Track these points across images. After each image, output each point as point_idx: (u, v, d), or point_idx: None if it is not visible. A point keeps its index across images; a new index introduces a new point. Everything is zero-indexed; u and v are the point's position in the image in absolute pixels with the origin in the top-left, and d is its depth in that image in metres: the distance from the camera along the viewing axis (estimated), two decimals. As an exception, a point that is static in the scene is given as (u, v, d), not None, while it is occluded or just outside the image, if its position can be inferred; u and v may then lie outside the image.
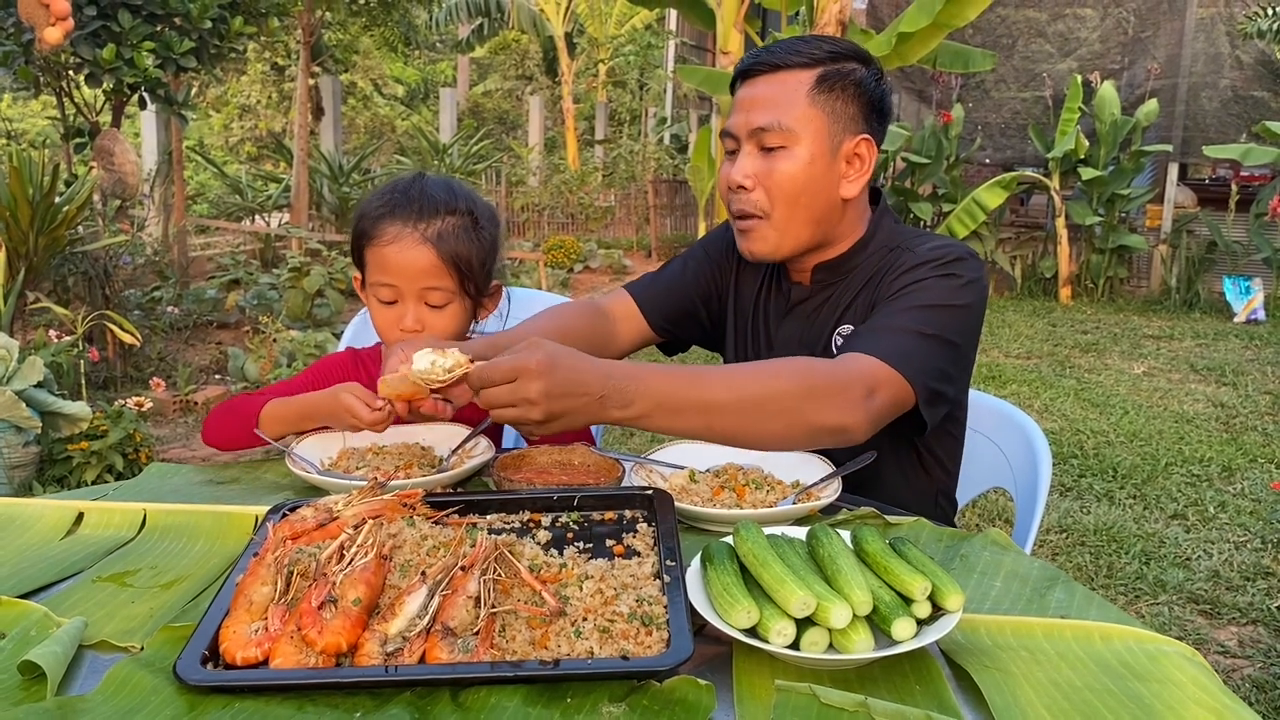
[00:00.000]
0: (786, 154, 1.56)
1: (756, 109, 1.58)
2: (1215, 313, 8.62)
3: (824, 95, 1.56)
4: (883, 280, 1.59)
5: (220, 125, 18.81)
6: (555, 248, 10.97)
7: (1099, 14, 9.61)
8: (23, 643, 1.03)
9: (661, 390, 1.29)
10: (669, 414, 1.30)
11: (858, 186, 1.61)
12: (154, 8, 5.94)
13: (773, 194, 1.58)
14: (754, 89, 1.60)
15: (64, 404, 3.92)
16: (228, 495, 1.49)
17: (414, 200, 1.65)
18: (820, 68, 1.57)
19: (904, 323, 1.48)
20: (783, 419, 1.34)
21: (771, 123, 1.56)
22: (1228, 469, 4.55)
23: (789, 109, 1.56)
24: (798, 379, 1.36)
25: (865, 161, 1.61)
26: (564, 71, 17.59)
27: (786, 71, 1.58)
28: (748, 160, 1.58)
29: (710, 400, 1.32)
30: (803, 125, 1.56)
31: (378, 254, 1.64)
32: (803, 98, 1.56)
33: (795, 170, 1.56)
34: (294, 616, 1.01)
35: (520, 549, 1.11)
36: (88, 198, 5.42)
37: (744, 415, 1.33)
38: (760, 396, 1.34)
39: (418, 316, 1.65)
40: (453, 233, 1.63)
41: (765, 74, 1.59)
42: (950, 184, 9.50)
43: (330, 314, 6.92)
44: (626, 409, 1.27)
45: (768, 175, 1.57)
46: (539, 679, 0.95)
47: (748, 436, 1.36)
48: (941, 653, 1.04)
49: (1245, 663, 2.90)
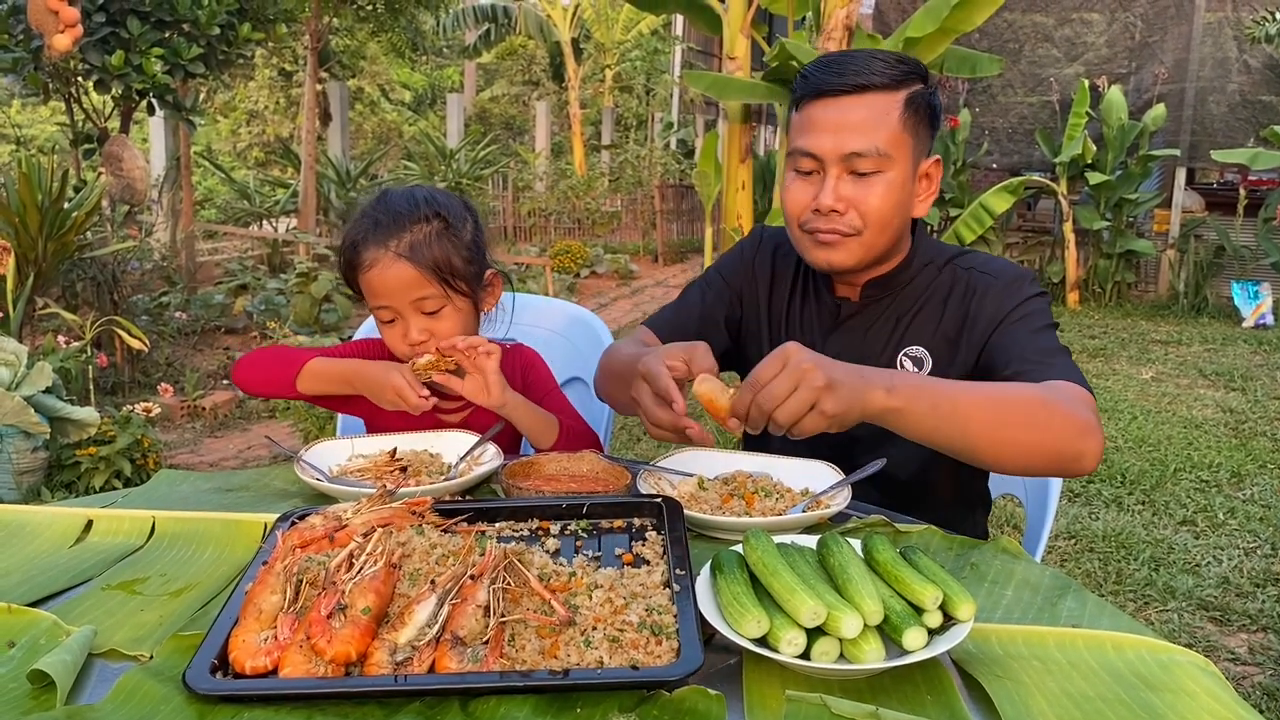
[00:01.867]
0: (881, 178, 1.53)
1: (848, 132, 1.52)
2: (1223, 317, 8.60)
3: (912, 119, 1.54)
4: (971, 304, 1.59)
5: (228, 131, 18.87)
6: (562, 253, 10.98)
7: (1106, 19, 9.59)
8: (32, 651, 1.03)
9: (919, 383, 1.32)
10: (927, 407, 1.29)
11: (927, 206, 1.61)
12: (162, 14, 5.96)
13: (868, 217, 1.55)
14: (841, 110, 1.53)
15: (72, 409, 3.93)
16: (237, 502, 1.49)
17: (381, 221, 1.68)
18: (907, 89, 1.54)
19: (1053, 344, 1.52)
20: (1033, 432, 1.33)
21: (869, 148, 1.51)
22: (1237, 474, 4.53)
23: (883, 133, 1.52)
24: (1045, 393, 1.37)
25: (934, 181, 1.61)
26: (570, 77, 17.63)
27: (876, 93, 1.52)
28: (840, 184, 1.54)
29: (966, 400, 1.31)
30: (896, 149, 1.53)
31: (365, 281, 1.69)
32: (896, 121, 1.53)
33: (890, 193, 1.54)
34: (303, 625, 1.01)
35: (529, 557, 1.11)
36: (96, 203, 5.44)
37: (998, 421, 1.32)
38: (1015, 403, 1.34)
39: (420, 327, 1.68)
40: (425, 241, 1.67)
41: (851, 94, 1.53)
42: (957, 189, 9.48)
43: (338, 319, 6.93)
44: (890, 394, 1.27)
45: (863, 200, 1.54)
46: (548, 689, 0.94)
47: (993, 443, 1.33)
48: (953, 662, 1.04)
49: (1256, 670, 2.88)
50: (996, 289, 1.58)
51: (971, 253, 1.68)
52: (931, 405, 1.29)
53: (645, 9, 8.10)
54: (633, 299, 9.90)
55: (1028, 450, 1.34)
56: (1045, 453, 1.35)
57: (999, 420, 1.33)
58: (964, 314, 1.60)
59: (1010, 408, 1.34)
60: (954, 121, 9.32)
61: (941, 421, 1.30)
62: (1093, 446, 1.35)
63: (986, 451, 1.34)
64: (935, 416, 1.30)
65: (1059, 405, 1.35)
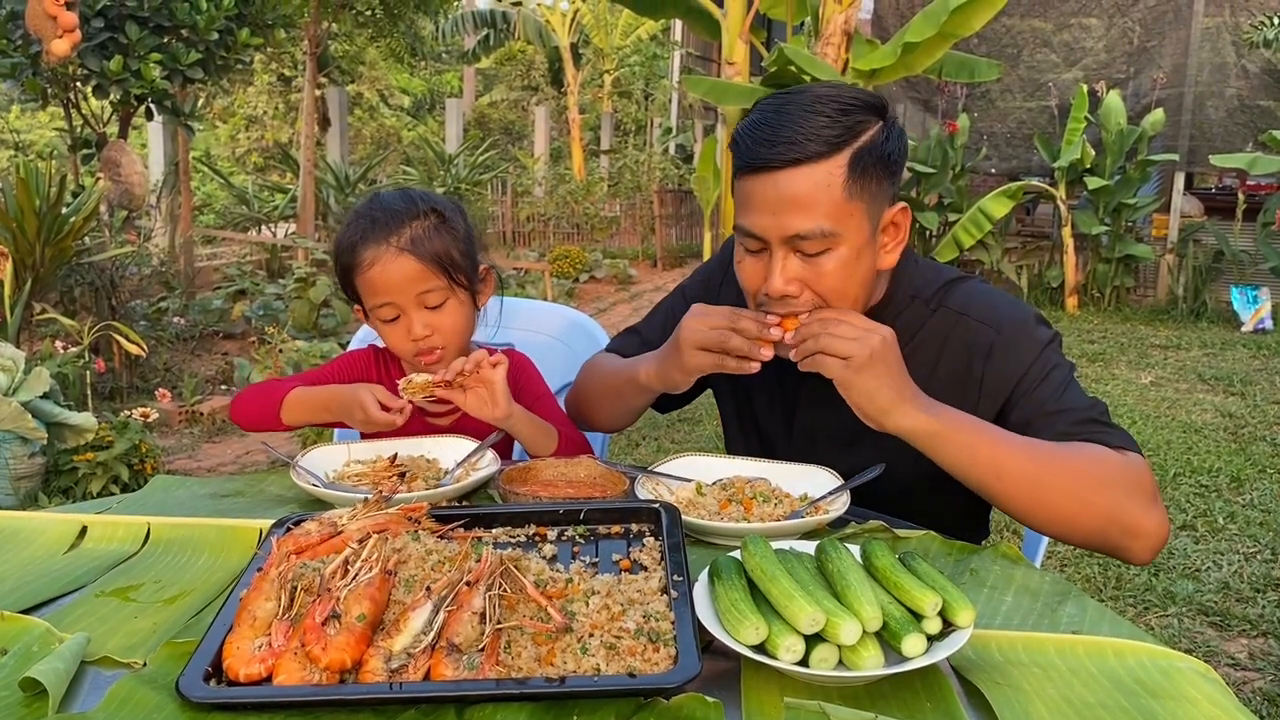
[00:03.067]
0: (832, 255, 1.40)
1: (786, 213, 1.37)
2: (1222, 322, 8.60)
3: (859, 182, 1.38)
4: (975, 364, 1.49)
5: (227, 136, 18.87)
6: (561, 258, 10.98)
7: (1104, 24, 9.60)
8: (24, 659, 1.02)
9: (965, 416, 1.31)
10: (965, 441, 1.29)
11: (896, 255, 1.49)
12: (161, 19, 5.96)
13: (826, 295, 1.42)
14: (776, 186, 1.37)
15: (70, 415, 3.92)
16: (232, 508, 1.48)
17: (378, 219, 1.69)
18: (849, 149, 1.37)
19: (1083, 401, 1.44)
20: (1073, 502, 1.31)
21: (812, 230, 1.37)
22: (1236, 479, 4.53)
23: (826, 209, 1.37)
24: (1099, 467, 1.33)
25: (901, 229, 1.48)
26: (569, 82, 17.64)
27: (814, 164, 1.36)
28: (788, 266, 1.41)
29: (1007, 449, 1.31)
30: (844, 222, 1.38)
31: (366, 280, 1.68)
32: (839, 194, 1.37)
33: (844, 269, 1.41)
34: (298, 632, 1.00)
35: (526, 564, 1.10)
36: (94, 209, 5.43)
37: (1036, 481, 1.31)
38: (1061, 468, 1.32)
39: (424, 322, 1.68)
40: (424, 235, 1.67)
41: (786, 168, 1.37)
42: (956, 194, 9.49)
43: (336, 324, 6.92)
44: (931, 412, 1.27)
45: (816, 280, 1.41)
46: (545, 696, 0.94)
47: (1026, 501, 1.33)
48: (953, 669, 1.03)
49: (1256, 675, 2.88)
50: (1001, 346, 1.48)
51: (961, 285, 1.56)
52: (970, 448, 1.29)
53: (644, 14, 8.11)
54: (631, 304, 9.91)
55: (1068, 519, 1.32)
56: (1086, 528, 1.33)
57: (1037, 480, 1.31)
58: (969, 374, 1.49)
59: (1055, 471, 1.31)
60: (953, 127, 9.33)
61: (977, 464, 1.30)
62: (1149, 533, 1.32)
63: (1018, 506, 1.34)
64: (971, 457, 1.30)
65: (1114, 484, 1.31)
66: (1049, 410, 1.42)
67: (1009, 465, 1.32)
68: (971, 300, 1.54)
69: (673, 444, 5.02)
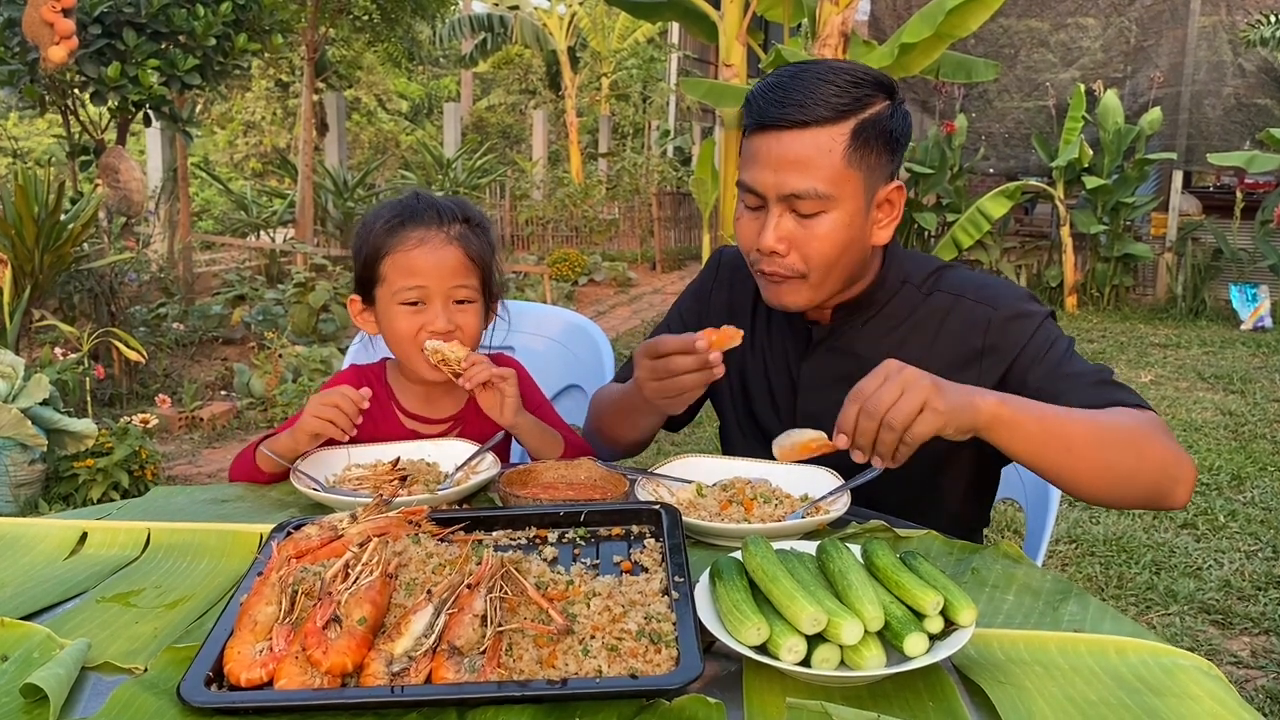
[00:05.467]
0: (825, 219, 1.45)
1: (786, 171, 1.43)
2: (1221, 320, 8.60)
3: (859, 152, 1.44)
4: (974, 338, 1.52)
5: (225, 142, 18.89)
6: (560, 261, 10.98)
7: (1101, 23, 9.61)
8: (25, 665, 1.02)
9: (1024, 399, 1.31)
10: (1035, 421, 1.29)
11: (889, 233, 1.53)
12: (158, 25, 5.97)
13: (811, 259, 1.47)
14: (780, 145, 1.43)
15: (70, 421, 3.92)
16: (232, 513, 1.48)
17: (427, 209, 1.70)
18: (854, 119, 1.43)
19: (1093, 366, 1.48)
20: (1129, 456, 1.33)
21: (808, 190, 1.42)
22: (1237, 477, 4.53)
23: (825, 172, 1.42)
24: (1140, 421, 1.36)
25: (896, 206, 1.52)
26: (567, 85, 17.65)
27: (818, 128, 1.42)
28: (781, 224, 1.46)
29: (1069, 420, 1.31)
30: (840, 188, 1.43)
31: (403, 259, 1.66)
32: (839, 159, 1.42)
33: (834, 234, 1.45)
34: (299, 636, 1.00)
35: (527, 566, 1.10)
36: (93, 215, 5.44)
37: (1100, 442, 1.32)
38: (1115, 427, 1.34)
39: (448, 317, 1.66)
40: (471, 234, 1.70)
41: (792, 129, 1.43)
42: (954, 194, 9.49)
43: (336, 329, 6.92)
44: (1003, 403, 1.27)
45: (805, 241, 1.46)
46: (546, 699, 0.94)
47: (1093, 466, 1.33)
48: (954, 668, 1.03)
49: (1259, 673, 2.87)
50: (1000, 321, 1.51)
51: (952, 270, 1.60)
52: (1039, 421, 1.29)
53: (641, 17, 8.12)
54: (631, 306, 9.90)
55: (1127, 477, 1.34)
56: (1143, 481, 1.35)
57: (1100, 441, 1.32)
58: (969, 350, 1.52)
59: (1111, 431, 1.33)
60: (950, 127, 9.33)
61: (1050, 439, 1.30)
62: (1187, 476, 1.36)
63: (1085, 474, 1.34)
64: (1043, 433, 1.30)
65: (1155, 434, 1.35)
66: (1066, 373, 1.46)
67: (1075, 434, 1.32)
68: (966, 283, 1.58)
69: (673, 445, 5.02)
